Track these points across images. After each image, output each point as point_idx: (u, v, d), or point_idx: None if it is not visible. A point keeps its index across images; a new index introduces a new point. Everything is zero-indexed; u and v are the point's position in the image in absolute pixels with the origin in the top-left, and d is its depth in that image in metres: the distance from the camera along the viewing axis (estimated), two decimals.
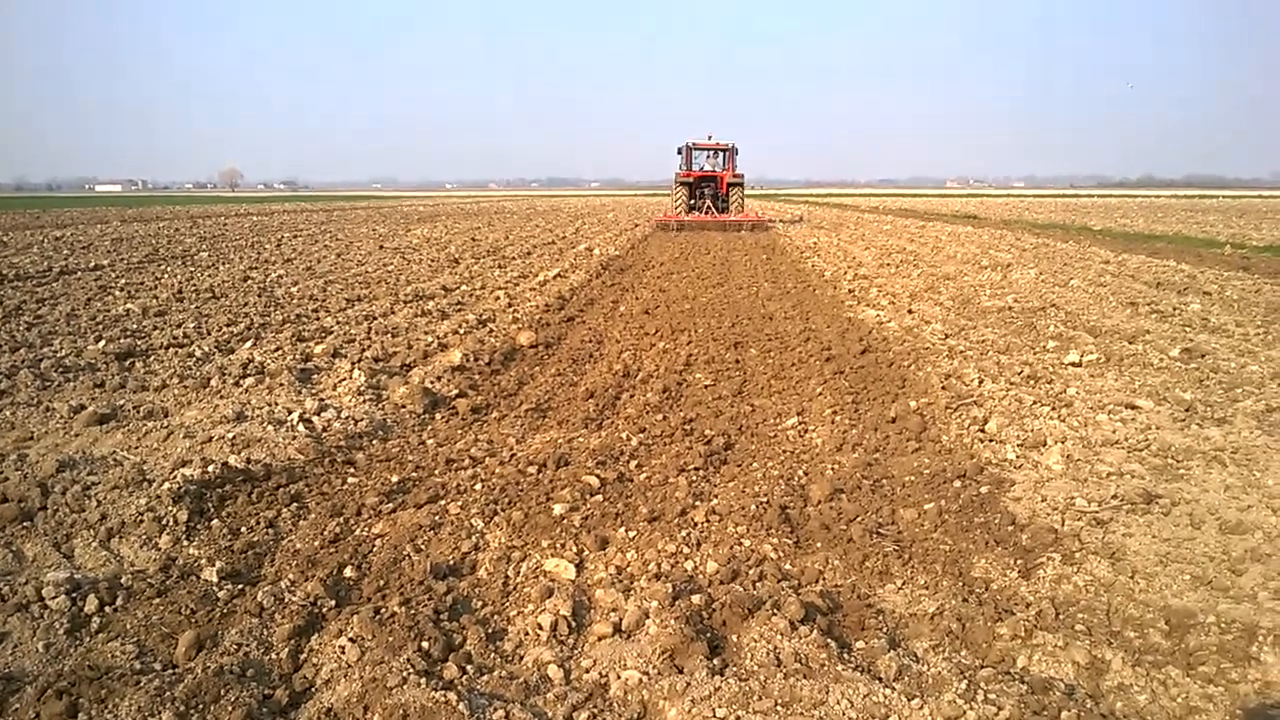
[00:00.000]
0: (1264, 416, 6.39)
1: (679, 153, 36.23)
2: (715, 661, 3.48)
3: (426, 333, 10.60)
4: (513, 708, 3.21)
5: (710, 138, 35.86)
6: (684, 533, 4.78)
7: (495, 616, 4.02)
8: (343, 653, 3.52)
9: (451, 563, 4.45)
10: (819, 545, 4.72)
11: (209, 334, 10.36)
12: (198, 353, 9.18)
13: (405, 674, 3.32)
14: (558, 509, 5.01)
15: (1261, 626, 3.53)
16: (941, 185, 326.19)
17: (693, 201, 34.96)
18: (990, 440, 6.30)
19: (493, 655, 3.66)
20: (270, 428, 6.37)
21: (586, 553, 4.57)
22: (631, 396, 7.88)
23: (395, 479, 5.62)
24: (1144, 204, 69.60)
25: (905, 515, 5.04)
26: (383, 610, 3.83)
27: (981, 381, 7.79)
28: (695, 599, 3.93)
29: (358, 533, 4.81)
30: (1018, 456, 5.91)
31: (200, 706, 3.13)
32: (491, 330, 10.95)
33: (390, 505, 5.18)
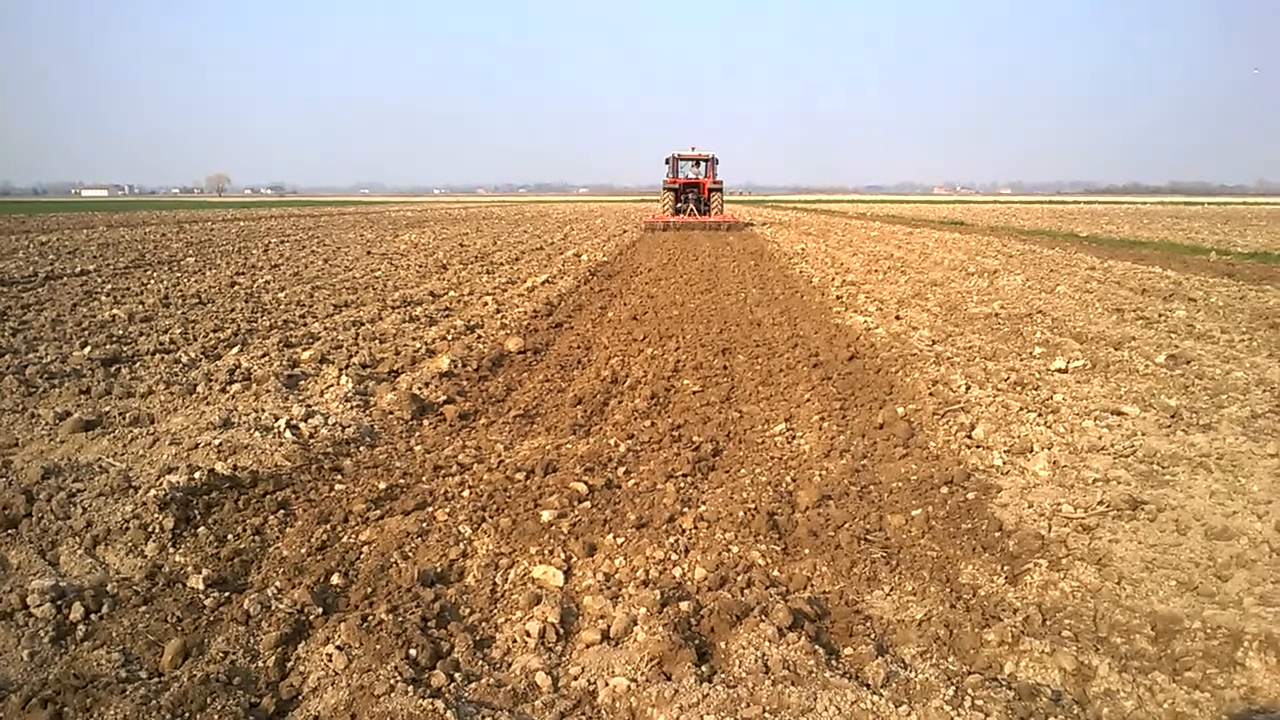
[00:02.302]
0: (1249, 422, 6.42)
1: (666, 162, 40.61)
2: (703, 668, 3.48)
3: (414, 339, 10.58)
4: (501, 715, 3.20)
5: (694, 149, 40.34)
6: (672, 539, 4.78)
7: (483, 624, 4.01)
8: (330, 660, 3.50)
9: (439, 570, 4.44)
10: (807, 552, 4.72)
11: (195, 340, 10.31)
12: (184, 359, 9.15)
13: (393, 682, 3.31)
14: (546, 515, 5.01)
15: (1247, 632, 3.54)
16: (929, 191, 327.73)
17: (678, 205, 39.11)
18: (977, 446, 6.32)
19: (481, 663, 3.65)
20: (257, 434, 6.35)
21: (575, 559, 4.56)
22: (620, 403, 7.88)
23: (383, 486, 5.60)
24: (1130, 210, 70.07)
25: (893, 521, 5.05)
26: (370, 618, 3.81)
27: (969, 388, 7.81)
28: (683, 606, 3.93)
29: (345, 540, 4.79)
30: (1004, 463, 5.93)
31: (186, 715, 3.12)
32: (479, 336, 10.94)
33: (378, 512, 5.16)
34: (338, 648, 3.57)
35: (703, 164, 40.39)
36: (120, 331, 10.83)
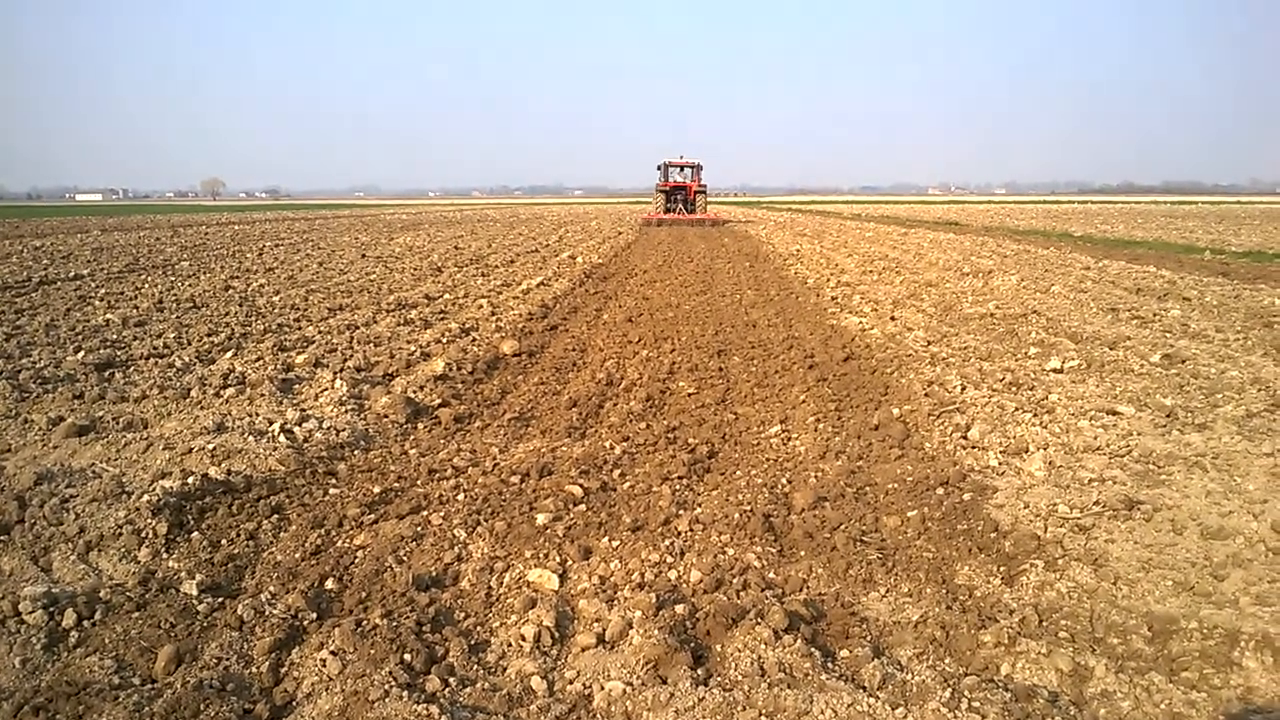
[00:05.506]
0: (1244, 422, 6.43)
1: (658, 168, 47.74)
2: (699, 672, 3.46)
3: (409, 342, 10.56)
4: None
5: (682, 157, 47.72)
6: (667, 542, 4.77)
7: (478, 628, 3.99)
8: (324, 666, 3.49)
9: (434, 574, 4.42)
10: (803, 554, 4.72)
11: (189, 344, 10.28)
12: (178, 363, 9.12)
13: (387, 687, 3.29)
14: (541, 519, 4.99)
15: (1244, 632, 3.54)
16: (923, 192, 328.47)
17: (669, 205, 46.15)
18: (973, 447, 6.32)
19: (475, 667, 3.64)
20: (251, 439, 6.32)
21: (570, 563, 4.55)
22: (615, 405, 7.86)
23: (377, 490, 5.58)
24: (1124, 210, 70.13)
25: (889, 523, 5.04)
26: (364, 622, 3.79)
27: (964, 388, 7.81)
28: (679, 609, 3.92)
29: (339, 544, 4.78)
30: (1000, 463, 5.93)
31: None
32: (474, 339, 10.92)
33: (372, 516, 5.14)
34: (332, 653, 3.55)
35: (689, 170, 47.60)
36: (114, 336, 10.80)
